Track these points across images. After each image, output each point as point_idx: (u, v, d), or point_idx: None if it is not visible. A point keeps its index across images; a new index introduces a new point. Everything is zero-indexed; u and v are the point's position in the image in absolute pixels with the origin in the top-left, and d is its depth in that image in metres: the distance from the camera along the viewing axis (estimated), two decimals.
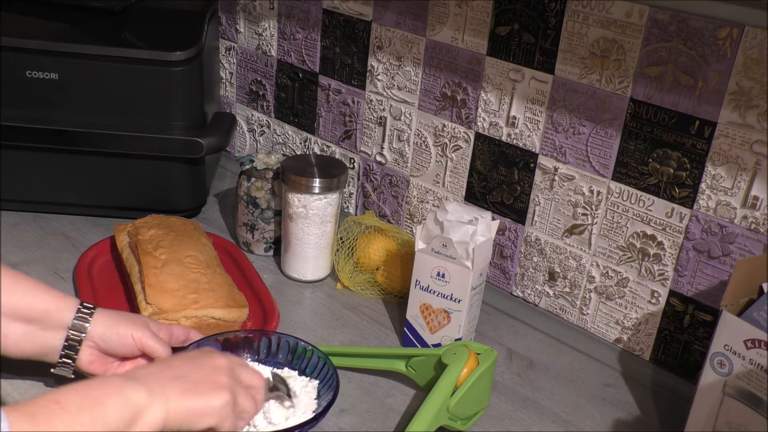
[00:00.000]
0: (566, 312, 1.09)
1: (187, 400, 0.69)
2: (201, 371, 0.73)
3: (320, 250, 1.13)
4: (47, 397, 0.61)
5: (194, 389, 0.71)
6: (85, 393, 0.64)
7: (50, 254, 1.13)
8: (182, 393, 0.69)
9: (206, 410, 0.71)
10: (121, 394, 0.65)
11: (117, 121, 1.15)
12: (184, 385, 0.70)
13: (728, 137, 0.88)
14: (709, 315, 0.95)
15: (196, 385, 0.71)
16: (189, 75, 1.16)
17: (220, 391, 0.72)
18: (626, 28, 0.92)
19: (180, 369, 0.72)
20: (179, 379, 0.71)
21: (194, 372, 0.73)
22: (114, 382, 0.67)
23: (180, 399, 0.69)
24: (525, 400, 0.96)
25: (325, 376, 0.88)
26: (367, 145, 1.25)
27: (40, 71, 1.12)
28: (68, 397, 0.62)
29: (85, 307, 0.83)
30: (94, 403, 0.63)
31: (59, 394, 0.62)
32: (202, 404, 0.70)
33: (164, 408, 0.67)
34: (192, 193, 1.25)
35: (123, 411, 0.64)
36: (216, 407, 0.71)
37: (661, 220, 0.96)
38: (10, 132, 1.13)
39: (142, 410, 0.66)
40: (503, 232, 1.12)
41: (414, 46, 1.14)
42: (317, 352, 0.90)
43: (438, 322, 0.98)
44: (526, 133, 1.05)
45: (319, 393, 0.88)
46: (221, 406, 0.71)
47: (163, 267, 0.99)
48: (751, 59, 0.84)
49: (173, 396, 0.69)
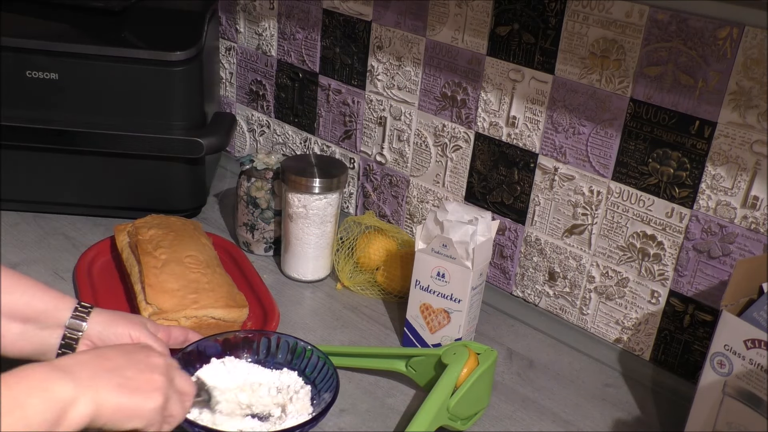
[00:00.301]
0: (566, 312, 1.09)
1: (119, 395, 0.65)
2: (136, 367, 0.69)
3: (320, 250, 1.13)
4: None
5: (127, 385, 0.66)
6: (4, 392, 0.58)
7: (50, 254, 1.13)
8: (114, 387, 0.65)
9: (137, 410, 0.66)
10: (45, 389, 0.60)
11: (117, 121, 1.15)
12: (117, 380, 0.66)
13: (728, 137, 0.88)
14: (709, 315, 0.95)
15: (129, 381, 0.66)
16: (189, 75, 1.16)
17: (154, 392, 0.68)
18: (626, 28, 0.92)
19: (114, 361, 0.68)
20: (112, 372, 0.66)
21: (129, 367, 0.68)
22: (37, 374, 0.61)
23: (111, 393, 0.64)
24: (525, 400, 0.96)
25: (325, 376, 0.88)
26: (367, 145, 1.25)
27: (40, 71, 1.12)
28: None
29: (83, 306, 0.83)
30: (13, 404, 0.57)
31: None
32: (134, 403, 0.66)
33: (93, 400, 0.63)
34: (192, 193, 1.25)
35: (46, 409, 0.59)
36: (148, 409, 0.67)
37: (661, 220, 0.96)
38: (10, 132, 1.13)
39: (68, 406, 0.61)
40: (503, 232, 1.12)
41: (414, 46, 1.14)
42: (317, 352, 0.90)
43: (438, 322, 0.98)
44: (526, 133, 1.05)
45: (320, 392, 0.88)
46: (153, 409, 0.67)
47: (163, 267, 0.99)
48: (751, 59, 0.84)
49: (104, 389, 0.64)
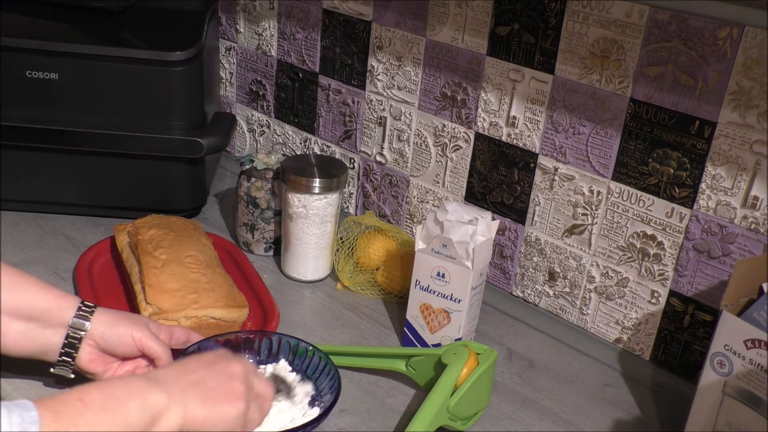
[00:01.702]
0: (566, 312, 1.09)
1: (205, 406, 0.70)
2: (218, 378, 0.73)
3: (320, 250, 1.13)
4: (72, 395, 0.62)
5: (212, 396, 0.71)
6: (109, 392, 0.64)
7: (50, 254, 1.13)
8: (200, 399, 0.70)
9: (222, 419, 0.71)
10: (143, 395, 0.66)
11: (117, 121, 1.15)
12: (203, 392, 0.71)
13: (728, 137, 0.88)
14: (709, 315, 0.95)
15: (213, 392, 0.72)
16: (189, 75, 1.16)
17: (236, 400, 0.73)
18: (626, 28, 0.92)
19: (197, 373, 0.73)
20: (197, 385, 0.71)
21: (212, 378, 0.73)
22: (136, 383, 0.68)
23: (198, 405, 0.70)
24: (525, 400, 0.96)
25: (326, 376, 0.88)
26: (367, 145, 1.25)
27: (40, 71, 1.12)
28: (92, 396, 0.63)
29: (86, 305, 0.83)
30: (116, 402, 0.64)
31: (83, 391, 0.63)
32: (219, 413, 0.71)
33: (182, 412, 0.68)
34: (192, 193, 1.25)
35: (143, 412, 0.65)
36: (231, 416, 0.72)
37: (661, 220, 0.96)
38: (10, 132, 1.13)
39: (161, 413, 0.66)
40: (503, 232, 1.12)
41: (414, 46, 1.14)
42: (318, 353, 0.90)
43: (438, 322, 0.98)
44: (526, 133, 1.05)
45: (320, 393, 0.88)
46: (235, 416, 0.72)
47: (163, 267, 0.99)
48: (751, 59, 0.84)
49: (191, 401, 0.69)
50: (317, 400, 0.87)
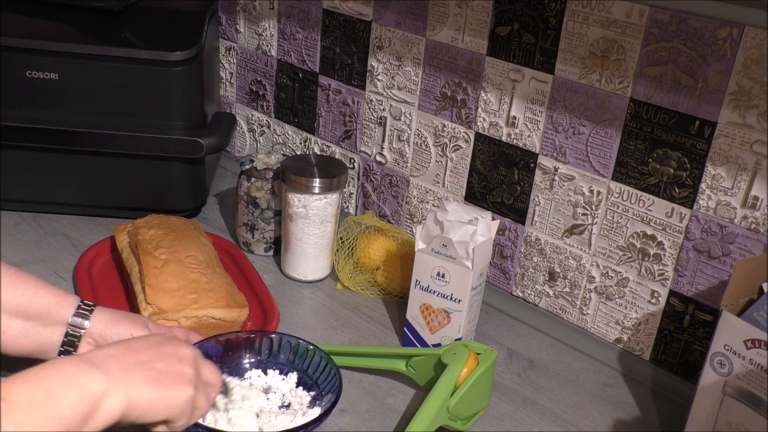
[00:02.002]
0: (566, 312, 1.09)
1: (151, 389, 0.65)
2: (166, 360, 0.68)
3: (320, 250, 1.13)
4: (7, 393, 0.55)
5: (158, 379, 0.66)
6: (36, 385, 0.57)
7: (50, 254, 1.13)
8: (146, 381, 0.65)
9: (169, 403, 0.66)
10: (77, 382, 0.60)
11: (117, 121, 1.15)
12: (149, 373, 0.65)
13: (728, 137, 0.88)
14: (709, 315, 0.95)
15: (160, 375, 0.66)
16: (189, 75, 1.16)
17: (185, 384, 0.68)
18: (626, 28, 0.92)
19: (144, 354, 0.68)
20: (143, 366, 0.66)
21: (159, 359, 0.68)
22: (69, 368, 0.61)
23: (143, 387, 0.64)
24: (525, 400, 0.96)
25: (327, 376, 0.88)
26: (367, 145, 1.25)
27: (40, 71, 1.12)
28: (16, 392, 0.56)
29: (85, 304, 0.83)
30: (45, 396, 0.57)
31: (6, 389, 0.56)
32: (166, 396, 0.66)
33: (125, 395, 0.62)
34: (192, 193, 1.25)
35: (79, 403, 0.59)
36: (179, 401, 0.67)
37: (661, 220, 0.96)
38: (10, 132, 1.13)
39: (100, 399, 0.60)
40: (503, 232, 1.12)
41: (414, 46, 1.14)
42: (319, 352, 0.90)
43: (438, 322, 0.98)
44: (526, 133, 1.05)
45: (322, 393, 0.88)
46: (184, 401, 0.67)
47: (163, 267, 0.99)
48: (751, 59, 0.84)
49: (135, 383, 0.64)
50: (318, 401, 0.87)
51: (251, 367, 0.91)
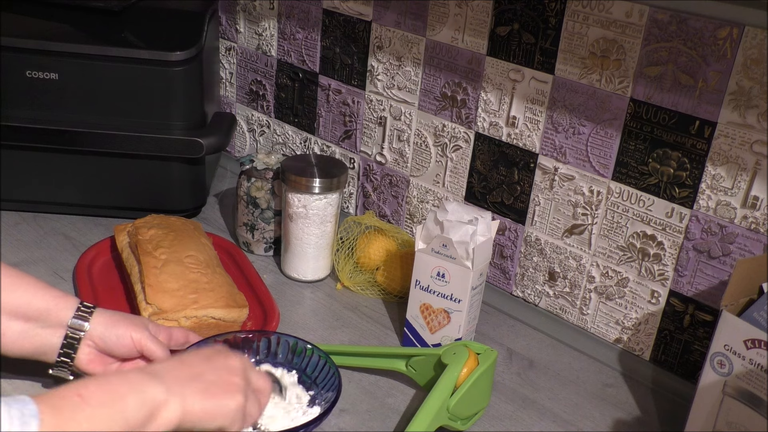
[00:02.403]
0: (566, 312, 1.09)
1: (204, 400, 0.70)
2: (216, 372, 0.73)
3: (320, 250, 1.13)
4: (70, 390, 0.62)
5: (210, 390, 0.71)
6: (107, 387, 0.64)
7: (50, 254, 1.13)
8: (199, 393, 0.70)
9: (221, 412, 0.71)
10: (141, 390, 0.65)
11: (117, 121, 1.15)
12: (201, 385, 0.70)
13: (728, 137, 0.88)
14: (709, 315, 0.95)
15: (211, 386, 0.71)
16: (189, 75, 1.16)
17: (234, 393, 0.72)
18: (626, 28, 0.92)
19: (196, 367, 0.73)
20: (196, 378, 0.71)
21: (210, 372, 0.73)
22: (134, 377, 0.67)
23: (196, 399, 0.69)
24: (525, 400, 0.96)
25: (326, 375, 0.88)
26: (367, 145, 1.25)
27: (40, 71, 1.12)
28: (90, 391, 0.62)
29: (85, 306, 0.83)
30: (114, 397, 0.63)
31: (82, 387, 0.63)
32: (218, 406, 0.71)
33: (181, 406, 0.67)
34: (192, 193, 1.25)
35: (141, 407, 0.64)
36: (230, 409, 0.71)
37: (661, 220, 0.96)
38: (10, 132, 1.13)
39: (160, 407, 0.66)
40: (503, 232, 1.12)
41: (414, 46, 1.14)
42: (318, 352, 0.90)
43: (438, 322, 0.98)
44: (526, 133, 1.05)
45: (321, 392, 0.88)
46: (235, 409, 0.72)
47: (163, 267, 0.99)
48: (751, 59, 0.84)
49: (190, 395, 0.69)
50: (317, 400, 0.87)
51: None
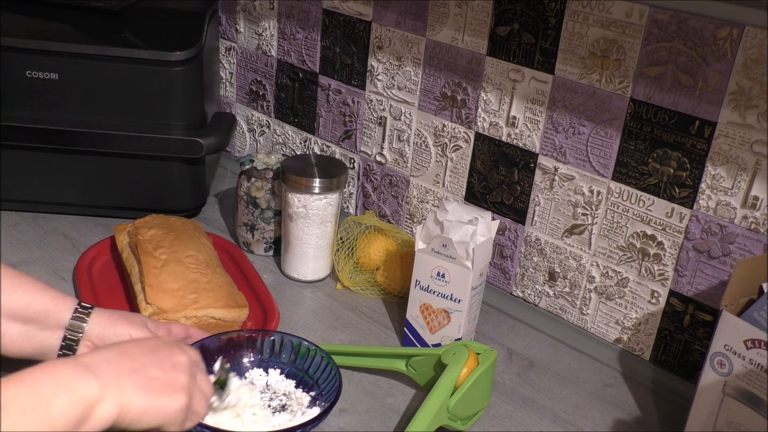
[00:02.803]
0: (566, 312, 1.09)
1: (144, 397, 0.64)
2: (161, 366, 0.67)
3: (320, 250, 1.13)
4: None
5: (152, 386, 0.65)
6: (30, 389, 0.57)
7: (50, 254, 1.13)
8: (139, 388, 0.64)
9: (161, 411, 0.66)
10: (71, 388, 0.60)
11: (117, 121, 1.15)
12: (143, 380, 0.65)
13: (728, 137, 0.88)
14: (709, 315, 0.95)
15: (154, 382, 0.66)
16: (189, 75, 1.16)
17: (178, 392, 0.67)
18: (626, 28, 0.92)
19: (138, 360, 0.67)
20: (137, 372, 0.65)
21: (154, 366, 0.67)
22: (63, 372, 0.61)
23: (136, 394, 0.64)
24: (525, 400, 0.96)
25: (328, 376, 0.88)
26: (367, 145, 1.25)
27: (40, 71, 1.12)
28: (10, 396, 0.56)
29: (83, 306, 0.83)
30: (38, 401, 0.57)
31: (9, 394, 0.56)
32: (159, 404, 0.66)
33: (118, 401, 0.62)
34: (192, 193, 1.25)
35: (71, 408, 0.59)
36: (172, 409, 0.67)
37: (661, 220, 0.96)
38: (10, 132, 1.13)
39: (93, 405, 0.60)
40: (503, 232, 1.12)
41: (414, 46, 1.14)
42: (320, 352, 0.90)
43: (438, 322, 0.98)
44: (526, 133, 1.05)
45: (322, 393, 0.88)
46: (177, 410, 0.67)
47: (163, 267, 0.99)
48: (751, 59, 0.84)
49: (129, 390, 0.63)
50: (318, 400, 0.87)
51: (252, 366, 0.91)
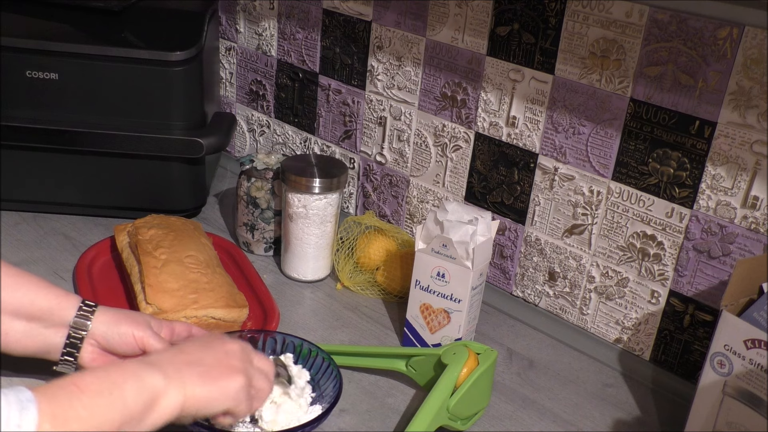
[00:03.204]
0: (566, 312, 1.09)
1: (204, 384, 0.70)
2: (214, 356, 0.73)
3: (320, 250, 1.13)
4: (67, 380, 0.62)
5: (209, 374, 0.71)
6: (103, 377, 0.64)
7: (50, 254, 1.13)
8: (198, 377, 0.70)
9: (223, 393, 0.71)
10: (138, 378, 0.65)
11: (117, 121, 1.15)
12: (200, 369, 0.70)
13: (728, 137, 0.88)
14: (709, 315, 0.95)
15: (211, 370, 0.71)
16: (189, 75, 1.16)
17: (235, 374, 0.72)
18: (626, 28, 0.92)
19: (193, 354, 0.73)
20: (194, 364, 0.71)
21: (208, 356, 0.73)
22: (131, 366, 0.67)
23: (197, 384, 0.69)
24: (525, 400, 0.96)
25: (329, 377, 0.88)
26: (367, 145, 1.25)
27: (40, 71, 1.12)
28: (86, 381, 0.63)
29: (87, 304, 0.83)
30: (111, 386, 0.63)
31: (78, 377, 0.63)
32: (219, 388, 0.71)
33: (181, 392, 0.67)
34: (192, 193, 1.25)
35: (140, 394, 0.64)
36: (233, 390, 0.71)
37: (661, 220, 0.96)
38: (10, 132, 1.13)
39: (159, 394, 0.66)
40: (503, 232, 1.12)
41: (414, 46, 1.14)
42: (321, 353, 0.90)
43: (438, 322, 0.98)
44: (526, 133, 1.05)
45: (322, 394, 0.88)
46: (237, 390, 0.72)
47: (163, 267, 0.99)
48: (751, 59, 0.84)
49: (189, 381, 0.69)
50: (318, 400, 0.87)
51: None
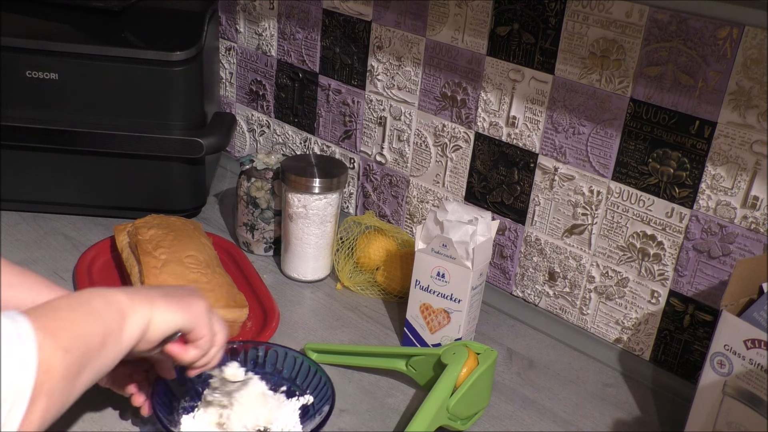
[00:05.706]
0: (566, 312, 1.09)
1: (168, 301, 0.73)
2: (180, 291, 0.77)
3: (320, 250, 1.13)
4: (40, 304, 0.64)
5: (173, 294, 0.75)
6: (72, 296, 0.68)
7: (50, 254, 1.13)
8: (162, 296, 0.73)
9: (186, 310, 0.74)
10: (103, 295, 0.68)
11: (117, 121, 1.15)
12: (164, 291, 0.75)
13: (728, 137, 0.88)
14: (709, 315, 0.95)
15: (175, 296, 0.75)
16: (189, 75, 1.16)
17: (198, 299, 0.77)
18: (626, 28, 0.92)
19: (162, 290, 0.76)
20: (158, 289, 0.76)
21: (174, 290, 0.77)
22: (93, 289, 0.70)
23: (161, 300, 0.72)
24: (525, 400, 0.96)
25: (317, 384, 0.86)
26: (367, 145, 1.25)
27: (40, 71, 1.12)
28: (58, 301, 0.65)
29: None
30: (82, 302, 0.66)
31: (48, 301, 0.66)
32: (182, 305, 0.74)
33: (147, 307, 0.70)
34: (192, 193, 1.25)
35: (109, 307, 0.67)
36: (196, 308, 0.75)
37: (661, 220, 0.96)
38: (10, 132, 1.13)
39: (126, 310, 0.68)
40: (503, 232, 1.12)
41: (414, 46, 1.14)
42: (308, 361, 0.88)
43: (438, 322, 0.98)
44: (526, 133, 1.05)
45: (315, 403, 0.85)
46: (200, 309, 0.75)
47: (163, 267, 0.99)
48: (751, 59, 0.84)
49: (155, 298, 0.72)
50: (312, 410, 0.85)
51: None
